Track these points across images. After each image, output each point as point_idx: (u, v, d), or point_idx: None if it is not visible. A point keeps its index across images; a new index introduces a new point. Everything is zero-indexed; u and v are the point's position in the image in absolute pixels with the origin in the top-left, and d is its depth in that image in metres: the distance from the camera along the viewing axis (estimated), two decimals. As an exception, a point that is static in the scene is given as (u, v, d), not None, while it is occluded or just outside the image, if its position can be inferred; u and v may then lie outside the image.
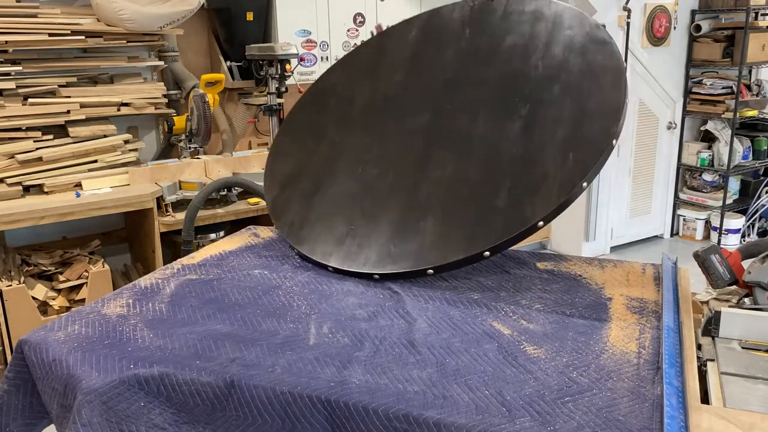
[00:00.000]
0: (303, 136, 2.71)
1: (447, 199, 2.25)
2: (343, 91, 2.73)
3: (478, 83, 2.44)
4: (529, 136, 2.22)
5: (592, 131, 2.10)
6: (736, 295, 1.99)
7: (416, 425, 1.43)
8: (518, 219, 2.07)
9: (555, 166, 2.09)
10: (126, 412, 1.59)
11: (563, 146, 2.12)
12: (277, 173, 2.66)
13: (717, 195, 4.98)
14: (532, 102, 2.28)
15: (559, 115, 2.20)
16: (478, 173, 2.25)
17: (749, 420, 1.31)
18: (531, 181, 2.12)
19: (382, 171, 2.43)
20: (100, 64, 3.48)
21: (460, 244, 2.13)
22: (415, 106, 2.52)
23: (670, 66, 4.80)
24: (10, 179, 3.20)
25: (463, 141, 2.34)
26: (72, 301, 3.24)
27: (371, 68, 2.72)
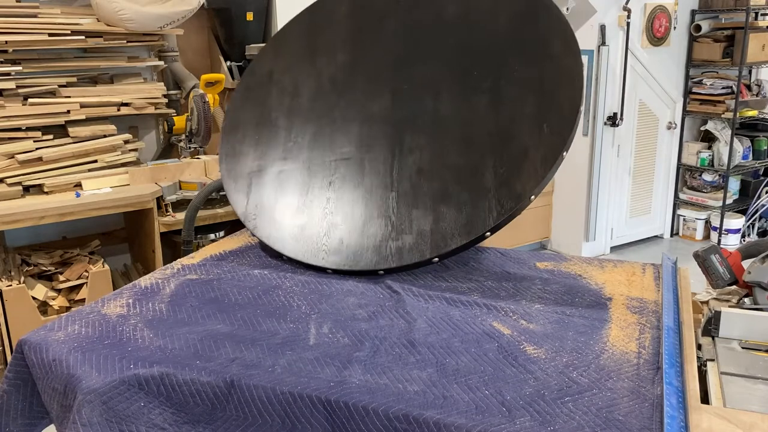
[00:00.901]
0: (254, 136, 2.57)
1: (433, 186, 2.23)
2: (283, 79, 2.61)
3: (430, 59, 2.41)
4: (498, 111, 2.21)
5: (558, 100, 2.13)
6: (736, 295, 1.99)
7: (416, 425, 1.43)
8: (511, 196, 2.08)
9: (533, 139, 2.12)
10: (126, 412, 1.59)
11: (535, 118, 2.14)
12: (240, 180, 2.51)
13: (717, 195, 4.98)
14: (492, 75, 2.26)
15: (521, 87, 2.21)
16: (457, 155, 2.23)
17: (749, 420, 1.31)
18: (513, 156, 2.13)
19: (356, 163, 2.38)
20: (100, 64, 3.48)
21: (459, 229, 2.12)
22: (371, 89, 2.47)
23: (670, 66, 4.80)
24: (10, 179, 3.20)
25: (433, 122, 2.31)
26: (72, 301, 3.24)
27: (308, 50, 2.62)
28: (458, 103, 2.29)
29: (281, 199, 2.43)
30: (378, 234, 2.24)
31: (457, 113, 2.28)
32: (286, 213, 2.40)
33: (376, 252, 2.22)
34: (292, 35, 2.70)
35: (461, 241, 2.10)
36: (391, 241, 2.21)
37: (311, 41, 2.64)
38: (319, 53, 2.60)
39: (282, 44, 2.69)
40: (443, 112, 2.30)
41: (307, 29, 2.67)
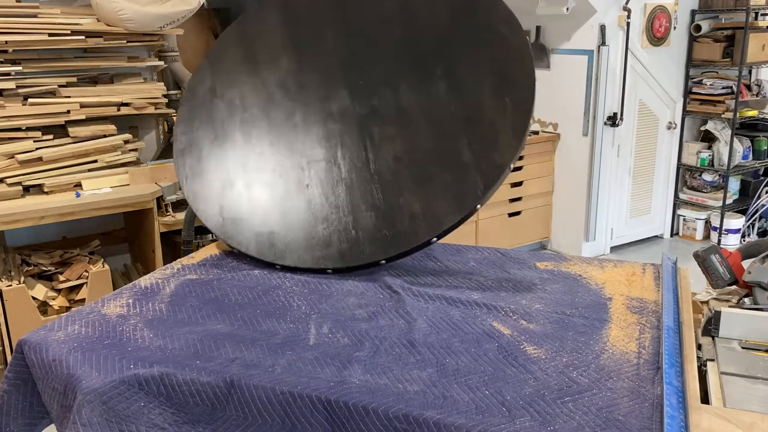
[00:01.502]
0: (213, 153, 2.53)
1: (414, 171, 2.27)
2: (229, 94, 2.60)
3: (379, 54, 2.45)
4: (458, 93, 2.30)
5: (514, 75, 2.22)
6: (736, 295, 1.99)
7: (416, 425, 1.43)
8: (492, 167, 2.16)
9: (499, 114, 2.21)
10: (126, 412, 1.59)
11: (496, 95, 2.22)
12: (210, 201, 2.47)
13: (717, 195, 4.98)
14: (443, 61, 2.34)
15: (475, 67, 2.29)
16: (430, 140, 2.29)
17: (749, 420, 1.31)
18: (484, 131, 2.22)
19: (329, 162, 2.39)
20: (100, 64, 3.48)
21: (450, 207, 2.18)
22: (326, 91, 2.48)
23: (670, 66, 4.80)
24: (10, 179, 3.20)
25: (397, 113, 2.36)
26: (72, 301, 3.24)
27: (249, 62, 2.62)
28: (417, 91, 2.36)
29: (260, 212, 2.40)
30: (370, 225, 2.25)
31: (418, 101, 2.35)
32: (269, 224, 2.37)
33: (372, 244, 2.23)
34: (228, 50, 2.68)
35: (455, 217, 2.17)
36: (385, 230, 2.23)
37: (250, 53, 2.63)
38: (262, 64, 2.60)
39: (219, 60, 2.68)
40: (405, 102, 2.36)
41: (242, 42, 2.66)
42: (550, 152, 4.72)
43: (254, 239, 2.35)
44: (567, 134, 4.64)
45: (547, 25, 4.61)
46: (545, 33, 4.64)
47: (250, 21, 2.69)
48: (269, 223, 2.37)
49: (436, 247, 2.54)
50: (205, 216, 2.46)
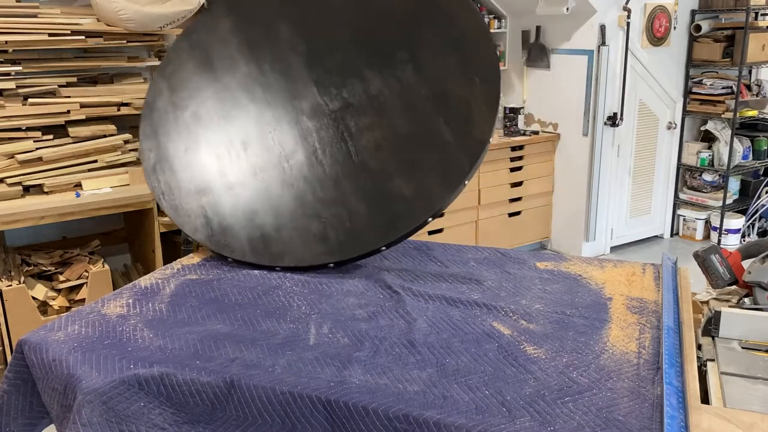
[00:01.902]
0: (188, 165, 2.50)
1: (398, 156, 2.32)
2: (191, 105, 2.59)
3: (338, 47, 2.49)
4: (424, 75, 2.37)
5: (476, 52, 2.32)
6: (736, 295, 1.99)
7: (416, 425, 1.43)
8: (473, 143, 2.24)
9: (468, 91, 2.30)
10: (126, 412, 1.59)
11: (462, 74, 2.32)
12: (192, 215, 2.43)
13: (717, 195, 4.98)
14: (403, 45, 2.40)
15: (437, 49, 2.37)
16: (407, 124, 2.35)
17: (749, 420, 1.31)
18: (458, 109, 2.30)
19: (309, 158, 2.40)
20: (100, 64, 3.48)
21: (440, 186, 2.24)
22: (293, 90, 2.50)
23: (670, 66, 4.80)
24: (10, 179, 3.20)
25: (369, 102, 2.40)
26: (72, 301, 3.24)
27: (206, 71, 2.61)
28: (385, 78, 2.41)
29: (248, 216, 2.38)
30: (365, 215, 2.27)
31: (388, 88, 2.40)
32: (260, 227, 2.36)
33: (370, 232, 2.26)
34: (182, 62, 2.66)
35: (449, 193, 2.23)
36: (380, 217, 2.26)
37: (206, 62, 2.63)
38: (220, 71, 2.60)
39: (174, 73, 2.65)
40: (375, 90, 2.41)
41: (195, 52, 2.65)
42: (550, 152, 4.72)
43: (248, 244, 2.35)
44: (567, 134, 4.64)
45: (547, 25, 4.61)
46: (545, 33, 4.64)
47: (197, 30, 2.68)
48: (260, 226, 2.36)
49: (436, 247, 2.54)
50: (191, 229, 2.42)
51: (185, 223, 2.44)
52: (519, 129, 4.60)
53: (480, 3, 4.74)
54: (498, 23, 4.74)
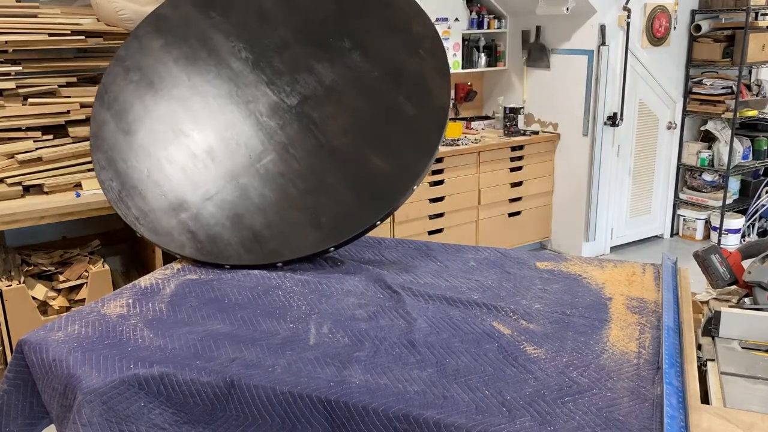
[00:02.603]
0: (156, 184, 2.47)
1: (369, 137, 2.44)
2: (142, 128, 2.56)
3: (279, 46, 2.55)
4: (372, 58, 2.51)
5: (417, 29, 2.49)
6: (736, 295, 1.99)
7: (416, 425, 1.43)
8: (436, 109, 2.39)
9: (418, 64, 2.46)
10: (126, 412, 1.59)
11: (407, 50, 2.48)
12: (173, 232, 2.39)
13: (717, 195, 4.98)
14: (344, 34, 2.52)
15: (378, 32, 2.52)
16: (368, 106, 2.46)
17: (749, 420, 1.31)
18: (416, 84, 2.46)
19: (281, 155, 2.43)
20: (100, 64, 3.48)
21: (416, 156, 2.37)
22: (245, 95, 2.51)
23: (670, 66, 4.79)
24: (10, 179, 3.20)
25: (326, 93, 2.49)
26: (72, 301, 3.24)
27: (150, 92, 2.59)
28: (336, 67, 2.51)
29: (234, 222, 2.37)
30: (352, 196, 2.35)
31: (341, 76, 2.50)
32: (250, 228, 2.36)
33: (361, 211, 2.33)
34: (119, 88, 2.63)
35: (426, 160, 2.35)
36: (368, 194, 2.36)
37: (146, 83, 2.60)
38: (164, 89, 2.58)
39: (114, 101, 2.60)
40: (328, 81, 2.50)
41: (132, 75, 2.62)
42: (550, 152, 4.71)
43: (242, 247, 2.34)
44: (567, 134, 4.64)
45: (547, 25, 4.60)
46: (545, 33, 4.64)
47: (129, 55, 2.66)
48: (249, 227, 2.36)
49: (436, 247, 2.54)
50: (178, 246, 2.37)
51: (169, 242, 2.38)
52: (519, 129, 4.60)
53: (480, 3, 4.74)
54: (498, 23, 4.74)
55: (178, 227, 2.39)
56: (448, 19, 4.44)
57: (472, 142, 4.30)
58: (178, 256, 2.37)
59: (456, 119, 4.87)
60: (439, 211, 4.19)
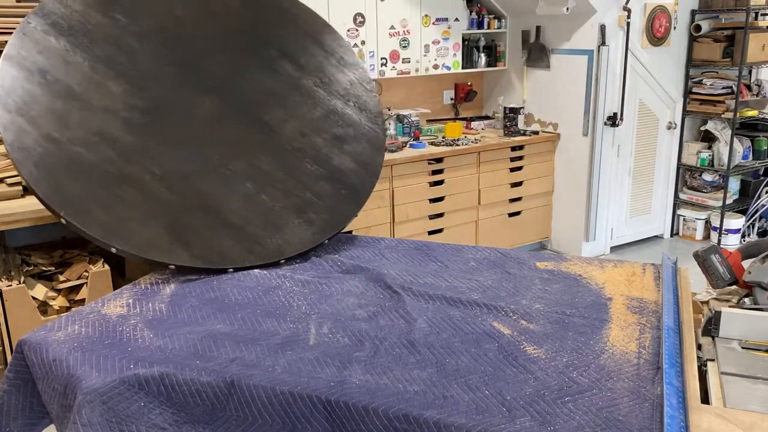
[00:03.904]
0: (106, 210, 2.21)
1: (325, 137, 2.61)
2: (73, 144, 2.26)
3: (208, 57, 2.57)
4: (303, 64, 2.71)
5: (327, 40, 2.79)
6: (736, 295, 1.99)
7: (416, 425, 1.43)
8: (374, 104, 2.70)
9: (341, 71, 2.73)
10: (126, 412, 1.59)
11: (330, 53, 2.75)
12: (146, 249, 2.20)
13: (717, 195, 4.98)
14: (268, 43, 2.66)
15: (298, 41, 2.72)
16: (312, 110, 2.64)
17: (749, 420, 1.31)
18: (347, 82, 2.69)
19: (248, 161, 2.45)
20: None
21: (372, 147, 2.61)
22: (185, 104, 2.45)
23: (670, 66, 4.79)
24: (10, 179, 3.19)
25: (270, 97, 2.60)
26: (72, 301, 3.23)
27: (69, 100, 2.30)
28: (270, 74, 2.63)
29: (235, 228, 2.34)
30: (330, 190, 2.51)
31: (278, 82, 2.63)
32: (251, 232, 2.35)
33: (343, 204, 2.49)
34: (35, 98, 2.26)
35: (379, 151, 2.65)
36: (342, 188, 2.52)
37: (65, 90, 2.31)
38: (96, 104, 2.34)
39: (36, 117, 2.23)
40: (267, 86, 2.61)
41: (51, 88, 2.31)
42: (550, 152, 4.71)
43: (244, 250, 2.33)
44: (567, 134, 4.64)
45: (547, 25, 4.60)
46: (545, 33, 4.64)
47: (47, 66, 2.33)
48: (247, 234, 2.36)
49: (436, 247, 2.54)
50: (175, 258, 2.25)
51: (162, 256, 2.24)
52: (519, 129, 4.60)
53: (480, 3, 4.74)
54: (498, 23, 4.74)
55: (168, 249, 2.27)
56: (448, 19, 4.45)
57: (472, 142, 4.30)
58: (172, 266, 2.25)
59: (456, 119, 4.87)
60: (439, 211, 4.19)
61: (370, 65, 4.16)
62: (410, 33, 4.28)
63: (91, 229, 2.16)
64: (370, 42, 4.13)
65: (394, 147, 4.02)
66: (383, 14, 4.17)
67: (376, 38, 4.15)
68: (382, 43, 4.18)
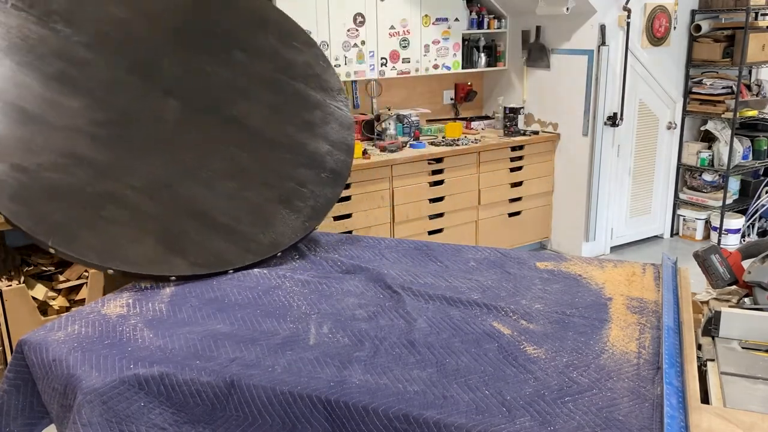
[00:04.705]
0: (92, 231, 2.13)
1: (296, 124, 2.64)
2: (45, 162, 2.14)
3: (158, 53, 2.53)
4: (260, 55, 2.70)
5: (279, 26, 2.77)
6: (736, 295, 1.99)
7: (416, 425, 1.43)
8: (338, 90, 2.76)
9: (300, 54, 2.76)
10: (126, 412, 1.59)
11: (287, 41, 2.74)
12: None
13: (717, 195, 4.98)
14: (215, 35, 2.63)
15: (250, 32, 2.69)
16: (276, 96, 2.65)
17: (749, 420, 1.31)
18: (307, 73, 2.73)
19: (227, 160, 2.46)
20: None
21: (342, 130, 2.63)
22: (150, 109, 2.40)
23: (670, 66, 4.79)
24: (10, 179, 3.20)
25: (238, 94, 2.60)
26: (72, 301, 3.24)
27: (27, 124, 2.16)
28: (229, 69, 2.61)
29: (227, 228, 2.34)
30: (312, 176, 2.55)
31: (239, 74, 2.63)
32: (244, 230, 2.37)
33: (323, 191, 2.53)
34: None
35: (351, 133, 2.68)
36: (323, 173, 2.56)
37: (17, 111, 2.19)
38: (47, 116, 2.21)
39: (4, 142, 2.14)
40: (229, 80, 2.61)
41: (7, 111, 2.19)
42: (550, 152, 4.71)
43: (241, 249, 2.34)
44: (567, 134, 4.64)
45: (547, 25, 4.60)
46: (545, 33, 4.64)
47: None
48: (240, 232, 2.37)
49: (436, 247, 2.54)
50: (177, 269, 2.22)
51: (161, 269, 2.21)
52: (519, 129, 4.60)
53: (480, 3, 4.74)
54: (498, 23, 4.74)
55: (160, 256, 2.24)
56: (448, 19, 4.45)
57: (472, 142, 4.30)
58: (172, 277, 2.22)
59: (456, 119, 4.87)
60: (439, 211, 4.19)
61: (370, 65, 4.16)
62: (410, 33, 4.28)
63: (84, 254, 2.09)
64: (370, 42, 4.13)
65: (394, 147, 4.02)
66: (383, 14, 4.17)
67: (376, 38, 4.15)
68: (382, 43, 4.18)
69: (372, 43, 4.14)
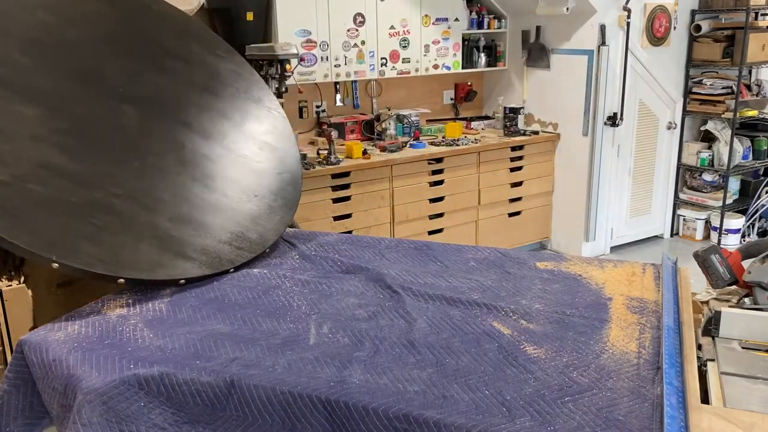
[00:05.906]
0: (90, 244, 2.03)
1: (251, 121, 2.78)
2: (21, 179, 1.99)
3: (101, 58, 2.50)
4: (188, 59, 2.77)
5: (202, 35, 2.88)
6: (736, 295, 1.99)
7: (416, 425, 1.43)
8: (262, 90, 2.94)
9: (226, 62, 2.88)
10: (126, 412, 1.59)
11: (214, 53, 2.85)
12: None
13: (717, 195, 4.98)
14: (148, 42, 2.65)
15: (181, 43, 2.76)
16: (220, 103, 2.75)
17: (749, 420, 1.31)
18: (235, 80, 2.83)
19: (213, 161, 2.52)
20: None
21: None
22: (108, 117, 2.34)
23: (670, 66, 4.79)
24: (10, 179, 3.19)
25: (187, 101, 2.64)
26: (72, 301, 3.23)
27: None
28: (165, 76, 2.63)
29: (219, 229, 2.35)
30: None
31: (176, 83, 2.67)
32: (239, 230, 2.42)
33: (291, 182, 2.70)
34: None
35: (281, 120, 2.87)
36: (278, 165, 2.72)
37: None
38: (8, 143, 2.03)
39: None
40: (170, 87, 2.64)
41: None
42: (550, 152, 4.71)
43: (232, 248, 2.35)
44: (567, 134, 4.64)
45: (547, 25, 4.60)
46: (545, 33, 4.64)
47: None
48: (222, 230, 2.37)
49: (436, 247, 2.54)
50: (178, 272, 2.17)
51: (171, 273, 2.16)
52: (519, 129, 4.60)
53: (480, 3, 4.74)
54: (498, 23, 4.74)
55: (163, 258, 2.22)
56: (448, 19, 4.45)
57: (472, 142, 4.30)
58: (182, 281, 2.18)
59: (456, 119, 4.86)
60: (439, 211, 4.19)
61: (370, 65, 4.16)
62: (410, 33, 4.28)
63: (92, 265, 1.96)
64: (370, 42, 4.13)
65: (394, 147, 4.02)
66: (383, 14, 4.17)
67: (376, 38, 4.15)
68: (382, 43, 4.18)
69: (372, 43, 4.14)
